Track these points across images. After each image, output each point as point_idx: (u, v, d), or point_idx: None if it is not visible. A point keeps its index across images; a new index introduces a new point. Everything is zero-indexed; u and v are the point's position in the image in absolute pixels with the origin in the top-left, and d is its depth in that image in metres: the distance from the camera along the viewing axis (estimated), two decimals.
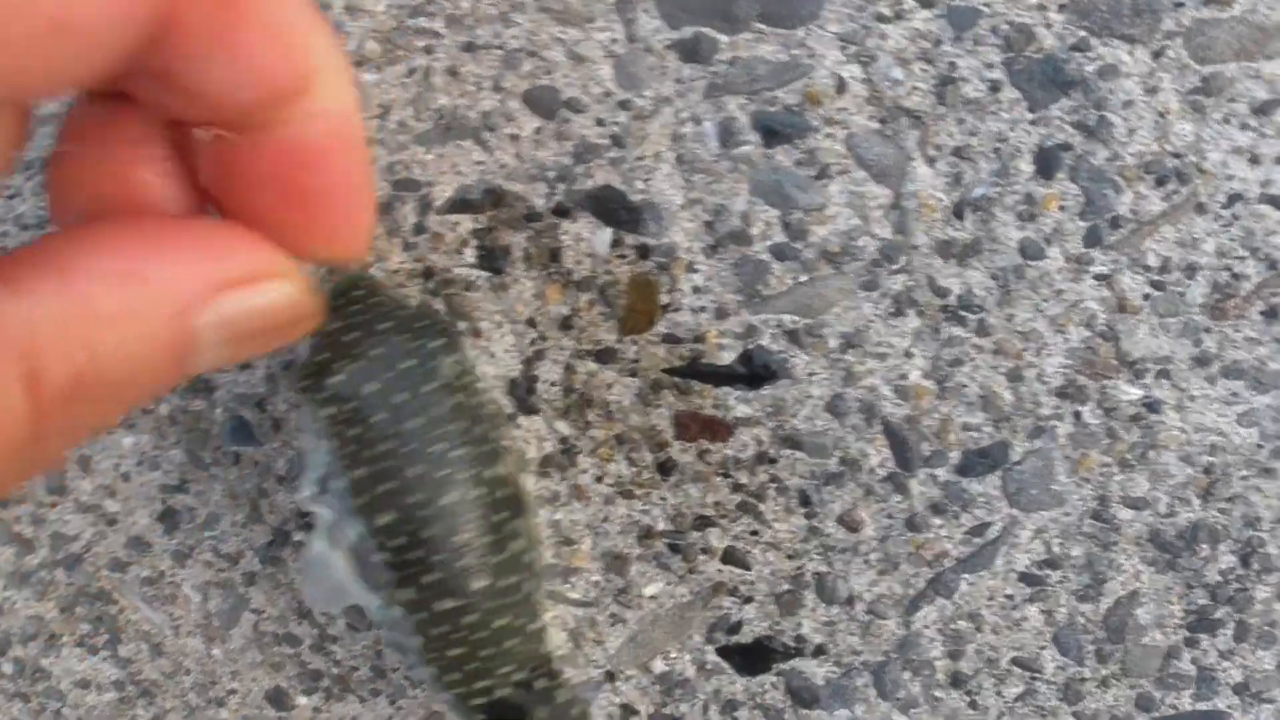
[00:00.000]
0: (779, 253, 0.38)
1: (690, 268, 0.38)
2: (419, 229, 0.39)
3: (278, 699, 0.48)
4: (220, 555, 0.45)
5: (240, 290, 0.21)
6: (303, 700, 0.47)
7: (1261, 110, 0.34)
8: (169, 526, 0.45)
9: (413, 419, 0.31)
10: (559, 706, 0.40)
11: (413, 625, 0.35)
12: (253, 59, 0.18)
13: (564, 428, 0.42)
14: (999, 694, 0.42)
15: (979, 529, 0.40)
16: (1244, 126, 0.34)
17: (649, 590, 0.43)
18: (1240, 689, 0.40)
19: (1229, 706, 0.40)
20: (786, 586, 0.42)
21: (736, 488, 0.41)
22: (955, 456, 0.39)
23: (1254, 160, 0.35)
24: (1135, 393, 0.37)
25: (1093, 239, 0.36)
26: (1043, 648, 0.41)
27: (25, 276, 0.18)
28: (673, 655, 0.44)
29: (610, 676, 0.45)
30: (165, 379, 0.20)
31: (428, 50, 0.37)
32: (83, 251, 0.19)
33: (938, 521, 0.40)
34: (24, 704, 0.51)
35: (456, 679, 0.37)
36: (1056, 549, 0.40)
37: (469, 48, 0.37)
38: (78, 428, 0.20)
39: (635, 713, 0.45)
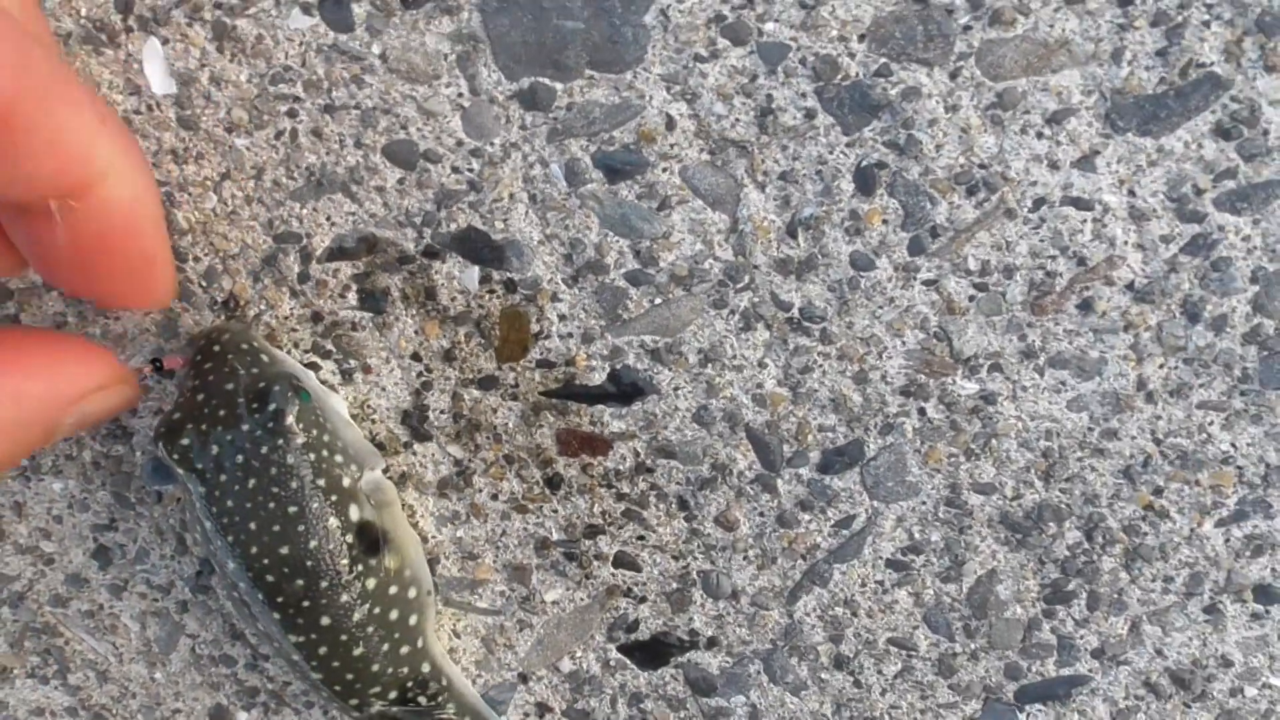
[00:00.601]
0: (634, 279, 0.42)
1: (555, 298, 0.43)
2: (303, 277, 0.44)
3: (219, 716, 0.53)
4: (153, 586, 0.50)
5: (94, 397, 0.28)
6: (243, 716, 0.52)
7: (1054, 119, 0.38)
8: (103, 563, 0.50)
9: (254, 478, 0.35)
10: (452, 714, 0.44)
11: (279, 647, 0.41)
12: (37, 168, 0.24)
13: (456, 451, 0.46)
14: (880, 672, 0.46)
15: (845, 521, 0.44)
16: (1040, 135, 0.38)
17: (550, 596, 0.48)
18: (1098, 653, 0.44)
19: (1090, 670, 0.45)
20: (675, 585, 0.46)
21: (620, 497, 0.45)
22: (815, 456, 0.43)
23: (1053, 166, 0.39)
24: (972, 387, 0.41)
25: (916, 248, 0.40)
26: (915, 627, 0.45)
27: None
28: (578, 655, 0.49)
29: (523, 678, 0.50)
30: (30, 453, 0.29)
31: (291, 114, 0.42)
32: None
33: (806, 517, 0.44)
34: None
35: (328, 695, 0.43)
36: (917, 535, 0.44)
37: (328, 109, 0.41)
38: None
39: (550, 710, 0.50)
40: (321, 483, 0.38)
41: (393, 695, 0.43)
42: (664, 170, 0.42)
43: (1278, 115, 0.38)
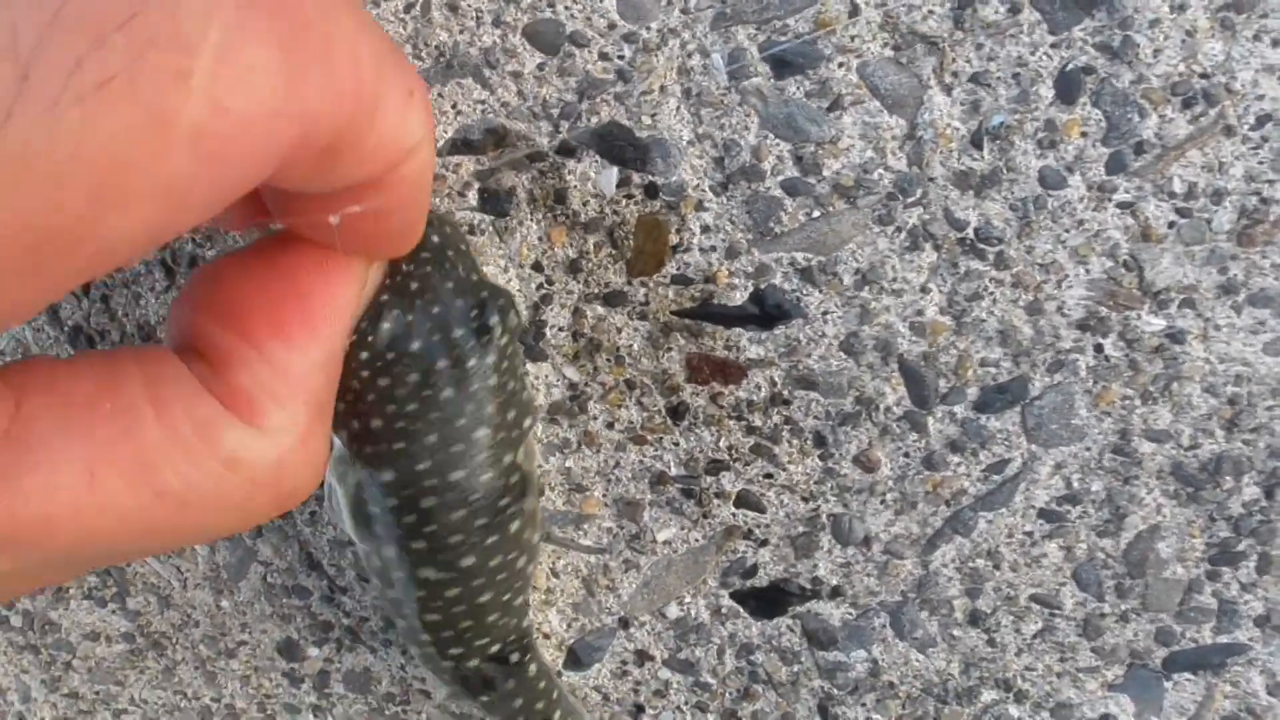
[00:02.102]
0: (791, 188, 0.37)
1: (700, 206, 0.37)
2: None
3: (289, 650, 0.47)
4: None
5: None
6: (314, 652, 0.47)
7: None
8: None
9: (448, 389, 0.30)
10: (528, 680, 0.40)
11: (398, 579, 0.35)
12: (354, 171, 0.20)
13: (573, 374, 0.41)
14: (1018, 631, 0.42)
15: (998, 466, 0.39)
16: (1276, 44, 0.33)
17: (662, 536, 0.43)
18: (1262, 621, 0.40)
19: (1250, 639, 0.40)
20: (802, 529, 0.42)
21: (750, 430, 0.40)
22: (973, 393, 0.38)
23: None
24: (1159, 324, 0.36)
25: (1116, 166, 0.35)
26: (1062, 584, 0.41)
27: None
28: (687, 600, 0.44)
29: (624, 623, 0.45)
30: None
31: None
32: None
33: (955, 459, 0.40)
34: (34, 656, 0.51)
35: (428, 641, 0.37)
36: (1076, 484, 0.39)
37: None
38: None
39: (650, 658, 0.45)
40: (511, 415, 0.33)
41: (494, 650, 0.38)
42: (840, 65, 0.37)
43: None
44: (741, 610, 0.45)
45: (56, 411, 0.18)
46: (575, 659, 0.47)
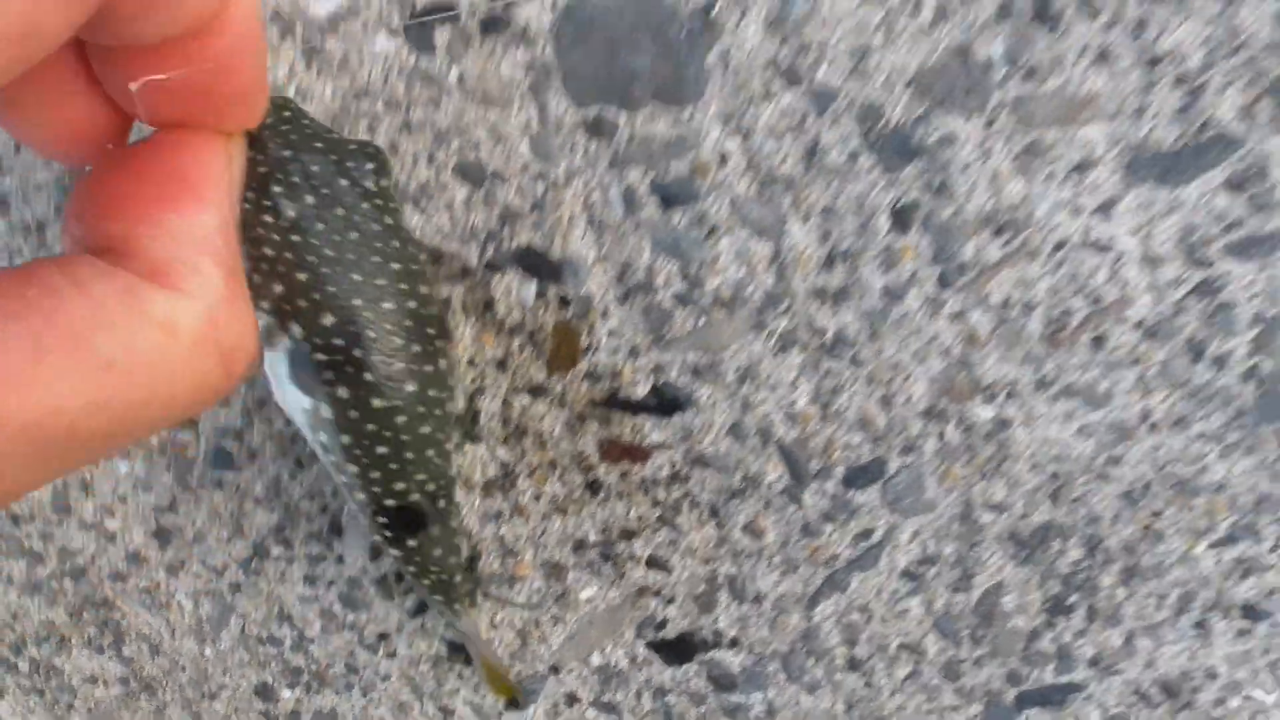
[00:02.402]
0: (680, 300, 0.44)
1: (605, 314, 0.44)
2: None
3: (265, 693, 0.54)
4: (208, 567, 0.51)
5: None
6: (286, 694, 0.53)
7: (1078, 168, 0.40)
8: (162, 542, 0.51)
9: (351, 231, 0.33)
10: (452, 529, 0.44)
11: (344, 424, 0.38)
12: (175, 13, 0.21)
13: (504, 454, 0.47)
14: (890, 675, 0.48)
15: (865, 533, 0.46)
16: (1065, 183, 0.40)
17: (585, 594, 0.49)
18: (1094, 662, 0.46)
19: (1085, 678, 0.46)
20: (703, 587, 0.48)
21: (656, 503, 0.47)
22: (840, 471, 0.45)
23: (1075, 211, 0.40)
24: (989, 413, 0.43)
25: (944, 282, 0.42)
26: (925, 634, 0.47)
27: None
28: (608, 649, 0.50)
29: (555, 669, 0.51)
30: None
31: (370, 129, 0.43)
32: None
33: (829, 528, 0.46)
34: (39, 698, 0.57)
35: (375, 478, 0.40)
36: (931, 548, 0.46)
37: (405, 127, 0.43)
38: None
39: (578, 700, 0.51)
40: (410, 249, 0.35)
41: (430, 489, 0.42)
42: (715, 200, 0.44)
43: None
44: (655, 658, 0.51)
45: None
46: (514, 701, 0.53)
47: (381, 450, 0.39)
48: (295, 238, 0.32)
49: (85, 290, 0.20)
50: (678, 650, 0.51)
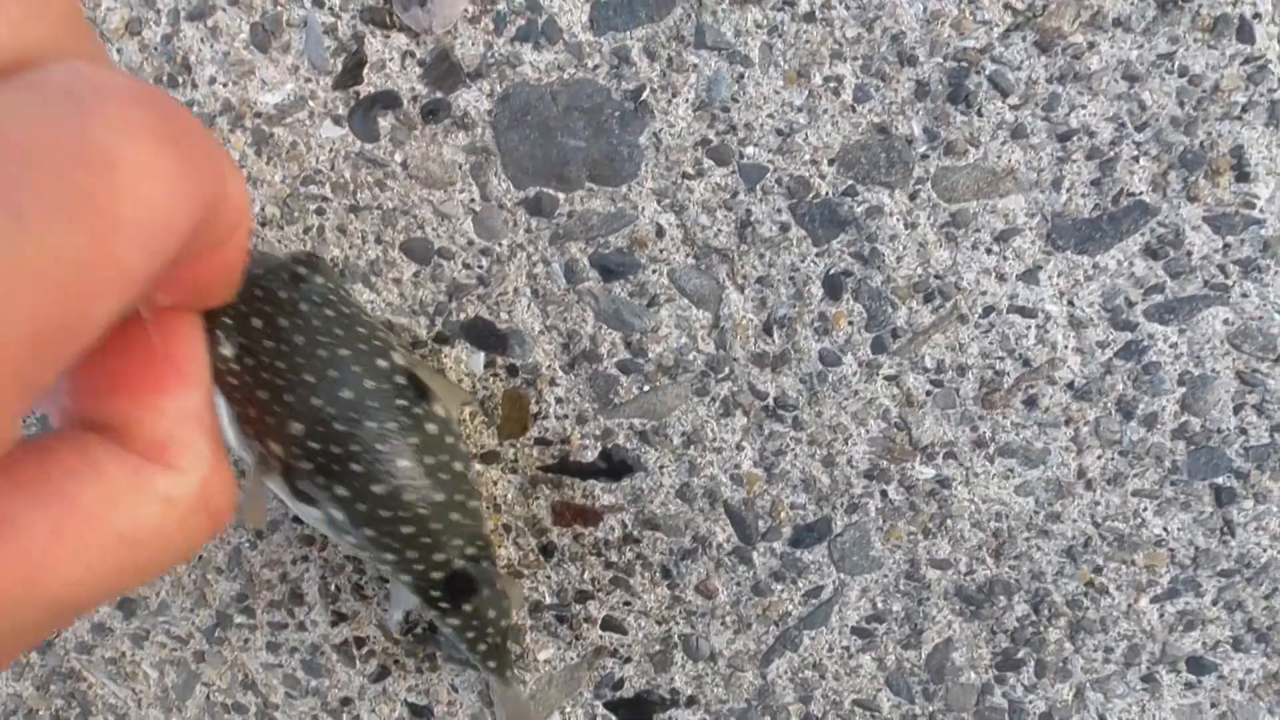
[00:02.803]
0: (624, 368, 0.45)
1: (553, 382, 0.45)
2: None
3: None
4: (173, 637, 0.52)
5: None
6: None
7: (1001, 237, 0.41)
8: (126, 613, 0.52)
9: (297, 336, 0.34)
10: (499, 590, 0.44)
11: (358, 518, 0.38)
12: (231, 212, 0.22)
13: None
14: None
15: (814, 591, 0.47)
16: (989, 251, 0.41)
17: (543, 655, 0.50)
18: (1045, 717, 0.46)
19: None
20: (658, 647, 0.49)
21: (609, 565, 0.48)
22: (787, 531, 0.46)
23: (1001, 278, 0.41)
24: (929, 472, 0.44)
25: (879, 347, 0.43)
26: (878, 690, 0.48)
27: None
28: (568, 709, 0.51)
29: None
30: None
31: (319, 212, 0.44)
32: None
33: (779, 586, 0.47)
34: None
35: (413, 557, 0.40)
36: (880, 605, 0.46)
37: (353, 209, 0.44)
38: None
39: None
40: (361, 329, 0.36)
41: (470, 552, 0.41)
42: (654, 272, 0.45)
43: (1199, 239, 0.41)
44: (614, 717, 0.52)
45: (12, 492, 0.21)
46: None
47: (407, 530, 0.38)
48: (249, 361, 0.34)
49: (101, 473, 0.22)
50: (635, 709, 0.51)
